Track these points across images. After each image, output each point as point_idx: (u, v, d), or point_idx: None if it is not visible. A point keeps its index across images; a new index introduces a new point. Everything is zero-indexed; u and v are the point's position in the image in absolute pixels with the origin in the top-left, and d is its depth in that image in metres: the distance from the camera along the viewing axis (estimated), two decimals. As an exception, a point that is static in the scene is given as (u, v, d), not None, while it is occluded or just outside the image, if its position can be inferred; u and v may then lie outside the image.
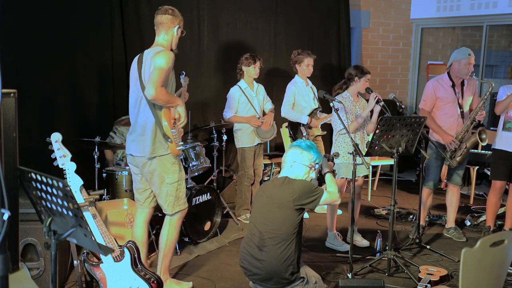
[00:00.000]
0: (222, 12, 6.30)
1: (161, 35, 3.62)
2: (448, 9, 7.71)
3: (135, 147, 3.62)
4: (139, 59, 3.63)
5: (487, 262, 2.36)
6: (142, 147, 3.57)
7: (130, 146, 3.68)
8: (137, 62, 3.64)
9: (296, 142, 3.50)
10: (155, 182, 3.63)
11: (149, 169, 3.61)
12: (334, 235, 4.76)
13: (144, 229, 3.83)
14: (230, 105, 5.25)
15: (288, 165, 3.41)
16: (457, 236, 5.00)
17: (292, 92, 5.41)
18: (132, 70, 3.68)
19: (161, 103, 3.47)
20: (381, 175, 7.10)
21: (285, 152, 3.54)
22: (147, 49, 3.61)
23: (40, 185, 2.14)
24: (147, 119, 3.55)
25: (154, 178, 3.62)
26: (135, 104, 3.62)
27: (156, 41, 3.64)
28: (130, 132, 3.69)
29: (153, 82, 3.36)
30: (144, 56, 3.59)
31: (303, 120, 5.38)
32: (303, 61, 5.41)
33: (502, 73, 8.70)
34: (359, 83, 4.65)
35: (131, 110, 3.69)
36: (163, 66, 3.40)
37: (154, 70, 3.40)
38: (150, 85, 3.37)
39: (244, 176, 5.35)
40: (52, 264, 2.15)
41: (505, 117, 4.83)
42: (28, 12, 4.89)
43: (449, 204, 5.07)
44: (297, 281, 3.29)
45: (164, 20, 3.58)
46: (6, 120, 2.34)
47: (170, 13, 3.59)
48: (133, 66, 3.67)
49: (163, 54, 3.45)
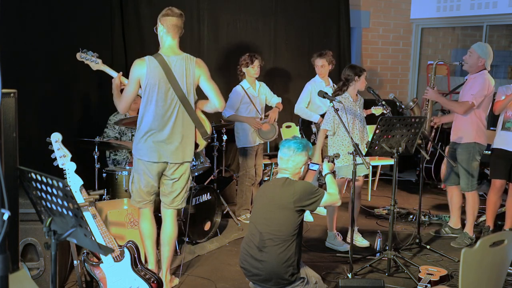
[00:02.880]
0: (222, 12, 6.30)
1: (177, 39, 3.62)
2: (448, 9, 7.71)
3: (177, 155, 3.64)
4: (163, 63, 3.51)
5: (487, 262, 2.36)
6: (184, 153, 3.66)
7: (169, 156, 3.61)
8: (161, 66, 3.51)
9: (285, 143, 3.48)
10: (183, 181, 3.74)
11: (181, 170, 3.70)
12: (334, 235, 4.76)
13: (154, 226, 3.84)
14: (231, 104, 5.25)
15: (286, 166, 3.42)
16: (459, 241, 4.90)
17: (308, 91, 5.53)
18: (158, 75, 3.52)
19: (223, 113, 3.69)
20: (381, 175, 7.10)
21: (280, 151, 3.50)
22: (175, 55, 3.56)
23: (40, 185, 2.14)
24: (189, 125, 3.64)
25: (183, 177, 3.73)
26: (171, 111, 3.57)
27: (177, 46, 3.62)
28: (168, 142, 3.59)
29: (220, 93, 3.64)
30: (174, 61, 3.54)
31: (314, 119, 5.46)
32: (315, 63, 5.60)
33: (502, 73, 8.69)
34: (359, 81, 4.66)
35: (160, 119, 3.56)
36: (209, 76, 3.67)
37: (211, 80, 3.65)
38: (220, 97, 3.65)
39: (245, 176, 5.35)
40: (52, 264, 2.15)
41: (504, 117, 4.84)
42: (28, 12, 4.89)
43: (450, 204, 5.09)
44: (297, 281, 3.29)
45: (181, 25, 3.61)
46: (6, 120, 2.34)
47: (183, 17, 3.63)
48: (158, 71, 3.51)
49: (204, 64, 3.68)
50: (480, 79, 4.68)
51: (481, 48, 4.71)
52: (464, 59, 4.80)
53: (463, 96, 4.77)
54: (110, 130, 5.06)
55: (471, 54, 4.74)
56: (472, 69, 4.75)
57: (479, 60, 4.69)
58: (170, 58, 3.55)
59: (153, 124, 3.56)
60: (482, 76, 4.69)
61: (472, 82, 4.73)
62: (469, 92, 4.67)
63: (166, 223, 3.80)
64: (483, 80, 4.66)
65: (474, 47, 4.74)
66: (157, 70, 3.51)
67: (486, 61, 4.70)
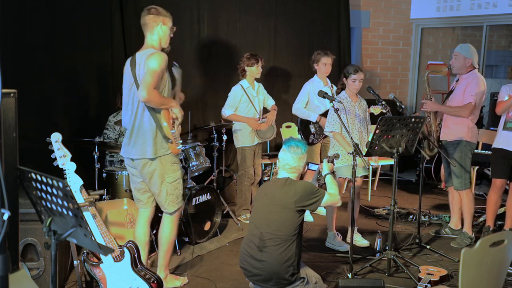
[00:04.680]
0: (222, 12, 6.29)
1: (147, 36, 3.60)
2: (448, 9, 7.71)
3: (136, 151, 3.59)
4: (131, 61, 3.61)
5: (487, 262, 2.37)
6: (143, 149, 3.55)
7: (129, 151, 3.64)
8: (130, 65, 3.61)
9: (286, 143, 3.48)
10: (155, 182, 3.62)
11: (148, 170, 3.60)
12: (334, 235, 4.76)
13: (146, 228, 3.84)
14: (231, 103, 5.25)
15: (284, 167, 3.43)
16: (459, 241, 4.90)
17: (306, 91, 5.49)
18: (126, 73, 3.65)
19: (154, 105, 3.46)
20: (381, 175, 7.10)
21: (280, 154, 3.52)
22: (139, 52, 3.60)
23: (40, 185, 2.14)
24: (147, 122, 3.53)
25: (154, 178, 3.61)
26: (131, 107, 3.59)
27: (146, 43, 3.62)
28: (127, 135, 3.64)
29: (146, 85, 3.35)
30: (136, 58, 3.57)
31: (312, 118, 5.43)
32: (320, 60, 5.48)
33: (502, 73, 8.70)
34: (346, 82, 4.67)
35: (124, 113, 3.67)
36: (156, 68, 3.39)
37: (147, 72, 3.39)
38: (142, 88, 3.37)
39: (244, 176, 5.35)
40: (52, 264, 2.15)
41: (506, 117, 4.84)
42: (28, 12, 4.89)
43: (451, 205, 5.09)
44: (297, 281, 3.29)
45: (146, 20, 3.57)
46: (6, 120, 2.34)
47: (152, 12, 3.56)
48: (126, 69, 3.65)
49: (155, 56, 3.43)
50: (474, 79, 4.72)
51: (465, 49, 4.77)
52: (451, 64, 4.85)
53: (459, 97, 4.76)
54: (110, 132, 5.06)
55: (456, 57, 4.79)
56: (461, 71, 4.80)
57: (466, 61, 4.74)
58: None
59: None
60: (475, 76, 4.74)
61: (464, 82, 4.75)
62: (469, 94, 4.68)
63: (161, 224, 3.82)
64: (477, 80, 4.71)
65: (458, 50, 4.80)
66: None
67: (472, 60, 4.75)
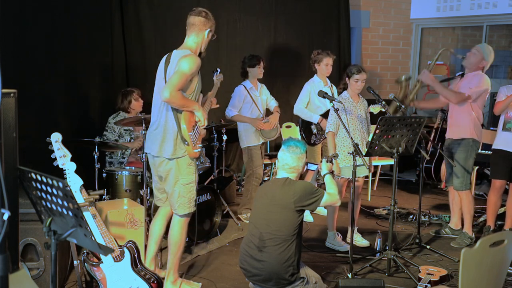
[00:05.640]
0: (222, 12, 6.29)
1: (191, 36, 3.59)
2: (448, 9, 7.71)
3: (156, 147, 3.57)
4: (167, 58, 3.59)
5: (487, 262, 2.36)
6: (162, 148, 3.54)
7: (151, 146, 3.62)
8: (164, 61, 3.59)
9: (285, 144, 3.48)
10: (170, 182, 3.61)
11: (165, 168, 3.59)
12: (334, 235, 4.76)
13: (163, 222, 3.81)
14: (234, 104, 5.25)
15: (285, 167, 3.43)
16: (459, 241, 4.90)
17: (307, 91, 5.46)
18: (159, 69, 3.63)
19: (175, 106, 3.46)
20: (381, 175, 7.10)
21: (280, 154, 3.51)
22: (176, 50, 3.58)
23: (40, 185, 2.14)
24: (170, 121, 3.53)
25: (169, 177, 3.61)
26: (158, 104, 3.58)
27: (186, 43, 3.61)
28: (151, 131, 3.62)
29: (171, 85, 3.34)
30: (172, 56, 3.56)
31: (313, 119, 5.42)
32: (322, 60, 5.45)
33: (502, 73, 8.69)
34: (348, 82, 4.67)
35: (154, 109, 3.64)
36: (186, 71, 3.38)
37: (176, 73, 3.39)
38: (166, 87, 3.35)
39: (252, 176, 5.31)
40: (52, 264, 2.15)
41: (505, 117, 4.85)
42: (28, 12, 4.89)
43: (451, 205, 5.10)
44: (297, 281, 3.29)
45: (196, 22, 3.56)
46: (6, 120, 2.34)
47: (203, 15, 3.57)
48: (160, 65, 3.62)
49: (189, 59, 3.42)
50: (480, 76, 4.72)
51: (487, 51, 4.74)
52: (468, 55, 4.80)
53: (460, 89, 4.77)
54: (110, 133, 5.06)
55: (475, 54, 4.75)
56: (471, 66, 4.77)
57: (482, 62, 4.73)
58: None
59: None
60: (481, 75, 4.74)
61: (470, 78, 4.75)
62: (467, 86, 4.69)
63: (170, 225, 3.76)
64: (482, 78, 4.71)
65: (481, 47, 4.77)
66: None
67: (487, 64, 4.75)
